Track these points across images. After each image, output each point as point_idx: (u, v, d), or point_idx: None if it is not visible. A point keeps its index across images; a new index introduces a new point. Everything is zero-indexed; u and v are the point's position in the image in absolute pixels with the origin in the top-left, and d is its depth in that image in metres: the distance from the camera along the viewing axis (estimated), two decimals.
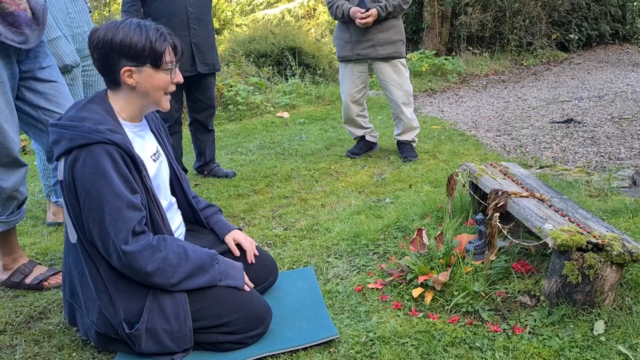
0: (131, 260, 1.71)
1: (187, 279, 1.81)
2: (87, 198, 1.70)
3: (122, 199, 1.70)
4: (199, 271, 1.83)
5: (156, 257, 1.74)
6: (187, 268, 1.80)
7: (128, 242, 1.71)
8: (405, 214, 2.98)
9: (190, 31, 3.75)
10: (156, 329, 1.77)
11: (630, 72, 8.60)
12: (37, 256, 2.84)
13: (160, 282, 1.76)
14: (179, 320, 1.79)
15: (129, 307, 1.77)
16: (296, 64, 9.02)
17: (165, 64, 1.83)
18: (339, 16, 4.20)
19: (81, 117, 1.74)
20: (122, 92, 1.84)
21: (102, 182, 1.68)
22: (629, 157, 4.30)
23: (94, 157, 1.68)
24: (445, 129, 5.60)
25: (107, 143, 1.70)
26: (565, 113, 6.10)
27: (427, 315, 2.02)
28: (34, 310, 2.25)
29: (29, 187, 4.33)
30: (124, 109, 1.86)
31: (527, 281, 2.13)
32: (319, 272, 2.47)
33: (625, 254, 1.82)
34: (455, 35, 10.73)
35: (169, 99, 1.93)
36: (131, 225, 1.72)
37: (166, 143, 2.11)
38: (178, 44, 1.88)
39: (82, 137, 1.70)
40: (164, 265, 1.75)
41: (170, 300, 1.79)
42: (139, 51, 1.77)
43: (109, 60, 1.78)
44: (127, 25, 1.77)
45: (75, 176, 1.71)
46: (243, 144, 5.40)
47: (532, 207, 2.15)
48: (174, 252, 1.79)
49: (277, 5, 17.68)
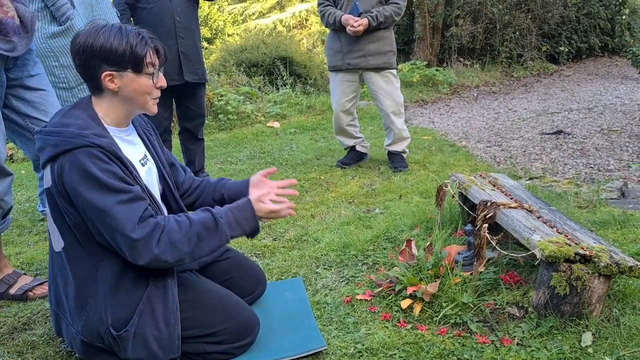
0: (141, 247, 1.65)
1: (200, 241, 1.74)
2: (83, 201, 1.67)
3: (120, 193, 1.67)
4: (207, 232, 1.75)
5: (163, 236, 1.69)
6: (195, 230, 1.73)
7: (135, 229, 1.65)
8: (395, 225, 2.97)
9: (177, 40, 3.74)
10: (145, 334, 1.74)
11: (620, 84, 8.67)
12: (22, 266, 2.81)
13: (178, 258, 1.70)
14: (168, 327, 1.76)
15: (119, 313, 1.74)
16: (287, 74, 9.03)
17: (147, 68, 1.81)
18: (330, 23, 4.21)
19: (65, 123, 1.73)
20: (105, 97, 1.82)
21: (94, 183, 1.65)
22: (617, 168, 4.33)
23: (80, 161, 1.66)
24: (436, 140, 5.61)
25: (91, 146, 1.67)
26: (555, 125, 6.14)
27: (415, 327, 2.01)
28: (17, 321, 2.22)
29: (15, 196, 4.29)
30: (108, 115, 1.84)
31: (516, 292, 2.13)
32: (308, 283, 2.46)
33: (612, 265, 1.82)
34: (446, 46, 10.79)
35: (157, 103, 1.91)
36: (137, 215, 1.67)
37: (156, 148, 2.07)
38: (160, 47, 1.85)
39: (66, 143, 1.68)
40: (170, 238, 1.69)
41: (162, 305, 1.77)
42: (119, 56, 1.75)
43: (90, 66, 1.76)
44: (107, 30, 1.76)
45: (64, 182, 1.68)
46: (233, 154, 5.39)
47: (520, 218, 2.15)
48: (177, 222, 1.73)
49: (269, 15, 17.74)
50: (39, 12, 2.71)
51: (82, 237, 1.75)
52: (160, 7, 3.70)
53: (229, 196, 2.11)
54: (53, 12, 2.73)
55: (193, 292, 1.88)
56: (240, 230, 1.83)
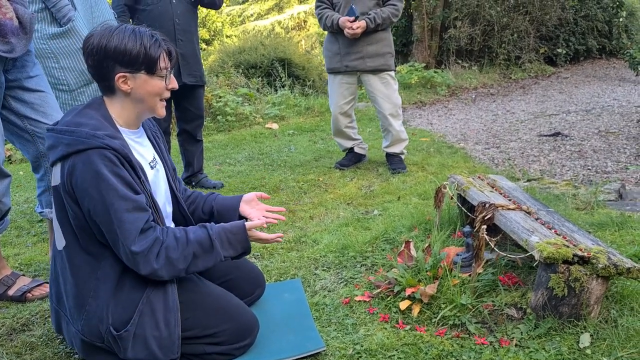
0: (140, 260, 1.69)
1: (195, 260, 1.78)
2: (91, 203, 1.68)
3: (127, 200, 1.68)
4: (202, 251, 1.79)
5: (161, 251, 1.72)
6: (191, 249, 1.77)
7: (135, 242, 1.68)
8: (394, 226, 2.98)
9: (176, 42, 3.75)
10: (145, 334, 1.74)
11: (617, 86, 8.69)
12: (21, 267, 2.81)
13: (173, 274, 1.75)
14: (169, 327, 1.76)
15: (119, 312, 1.74)
16: (286, 76, 9.04)
17: (160, 70, 1.82)
18: (328, 26, 4.22)
19: (78, 123, 1.73)
20: (118, 98, 1.83)
21: (105, 186, 1.66)
22: (615, 170, 4.34)
23: (93, 162, 1.66)
24: (434, 142, 5.62)
25: (104, 148, 1.68)
26: (552, 126, 6.15)
27: (414, 328, 2.01)
28: (16, 322, 2.22)
29: (13, 197, 4.29)
30: (121, 116, 1.85)
31: (514, 294, 2.13)
32: (307, 284, 2.46)
33: (610, 266, 1.82)
34: (444, 48, 10.81)
35: (164, 105, 1.93)
36: (139, 226, 1.70)
37: (164, 151, 2.09)
38: (173, 49, 1.88)
39: (80, 143, 1.68)
40: (167, 254, 1.73)
41: (162, 305, 1.77)
42: (133, 57, 1.76)
43: (104, 67, 1.77)
44: (121, 32, 1.77)
45: (74, 182, 1.68)
46: (231, 155, 5.39)
47: (519, 219, 2.16)
48: (176, 238, 1.77)
49: (267, 16, 17.75)
50: (39, 13, 2.71)
51: (83, 237, 1.76)
52: (160, 9, 3.70)
53: (218, 210, 2.16)
54: (54, 13, 2.73)
55: (193, 293, 1.88)
56: (232, 251, 1.88)
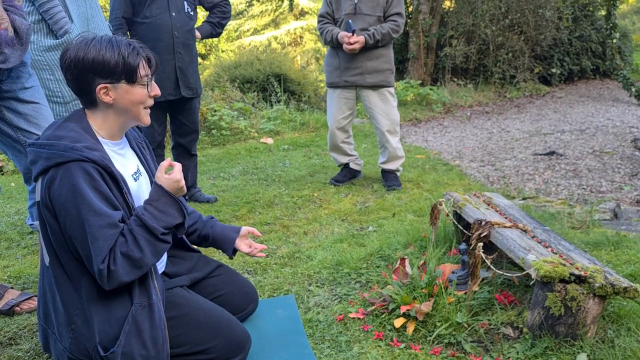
0: (109, 277, 1.64)
1: (144, 243, 1.70)
2: (66, 217, 1.65)
3: (102, 216, 1.65)
4: (142, 232, 1.70)
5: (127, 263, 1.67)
6: (135, 234, 1.69)
7: (105, 260, 1.64)
8: (389, 243, 2.96)
9: (175, 55, 3.74)
10: (133, 354, 1.70)
11: (611, 106, 8.74)
12: (10, 280, 2.77)
13: (133, 268, 1.68)
14: (156, 346, 1.73)
15: (106, 330, 1.71)
16: (281, 91, 9.05)
17: (141, 78, 1.80)
18: (328, 40, 4.23)
19: (58, 136, 1.71)
20: (100, 110, 1.80)
21: (80, 200, 1.64)
22: (610, 190, 4.34)
23: (71, 176, 1.64)
24: (429, 159, 5.62)
25: (84, 160, 1.66)
26: (547, 145, 6.17)
27: (409, 346, 1.98)
28: (3, 336, 2.18)
29: (4, 208, 4.24)
30: (102, 127, 1.82)
31: (510, 312, 2.11)
32: (300, 300, 2.43)
33: (607, 286, 1.81)
34: (440, 66, 10.86)
35: (149, 113, 1.90)
36: (111, 244, 1.66)
37: (149, 162, 2.06)
38: (152, 56, 1.85)
39: (58, 156, 1.66)
40: (121, 250, 1.67)
41: (148, 324, 1.73)
42: (112, 67, 1.74)
43: (83, 80, 1.74)
44: (98, 43, 1.74)
45: (52, 195, 1.66)
46: (226, 169, 5.37)
47: (515, 237, 2.14)
48: (122, 234, 1.69)
49: (263, 32, 17.84)
50: (35, 25, 2.70)
51: (62, 255, 1.72)
52: (159, 22, 3.70)
53: (213, 237, 2.18)
54: (51, 25, 2.72)
55: (183, 308, 1.85)
56: (169, 217, 1.75)
